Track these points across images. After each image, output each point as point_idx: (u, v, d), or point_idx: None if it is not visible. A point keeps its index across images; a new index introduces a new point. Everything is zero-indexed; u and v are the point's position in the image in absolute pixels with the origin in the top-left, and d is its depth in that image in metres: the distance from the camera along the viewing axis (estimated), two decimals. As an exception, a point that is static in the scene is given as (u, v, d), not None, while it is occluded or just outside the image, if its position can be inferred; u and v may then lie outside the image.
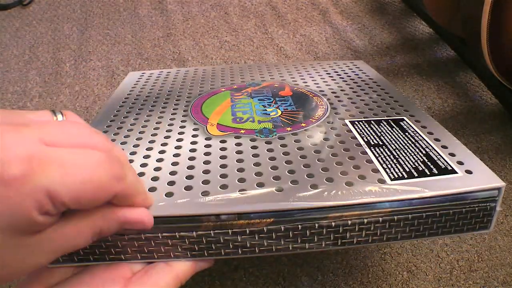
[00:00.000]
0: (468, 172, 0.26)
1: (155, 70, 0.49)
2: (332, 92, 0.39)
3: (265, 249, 0.24)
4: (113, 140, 0.32)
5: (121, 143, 0.31)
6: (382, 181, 0.25)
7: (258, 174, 0.26)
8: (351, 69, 0.46)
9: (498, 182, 0.25)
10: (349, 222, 0.24)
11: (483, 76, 0.60)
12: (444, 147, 0.29)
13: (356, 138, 0.30)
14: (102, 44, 0.73)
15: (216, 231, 0.23)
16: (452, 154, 0.28)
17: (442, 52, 0.70)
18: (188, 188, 0.25)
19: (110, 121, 0.35)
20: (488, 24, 0.45)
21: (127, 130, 0.33)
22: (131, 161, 0.29)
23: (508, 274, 0.36)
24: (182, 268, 0.24)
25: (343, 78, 0.43)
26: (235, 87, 0.42)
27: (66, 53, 0.71)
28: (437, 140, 0.30)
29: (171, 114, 0.36)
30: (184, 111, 0.36)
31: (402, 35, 0.75)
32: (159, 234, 0.23)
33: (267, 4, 0.86)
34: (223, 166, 0.27)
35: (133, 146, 0.31)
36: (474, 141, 0.51)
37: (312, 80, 0.43)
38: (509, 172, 0.47)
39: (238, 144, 0.30)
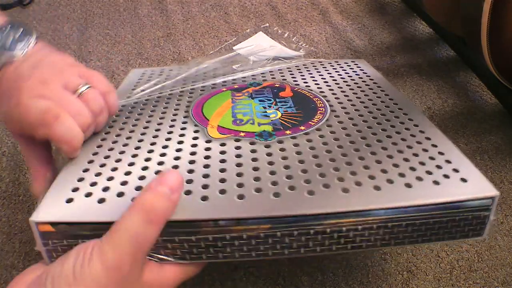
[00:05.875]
0: (463, 180, 0.26)
1: (157, 67, 0.49)
2: (332, 94, 0.39)
3: (261, 253, 0.24)
4: (115, 142, 0.31)
5: (123, 145, 0.31)
6: (377, 188, 0.26)
7: (257, 179, 0.26)
8: (352, 68, 0.46)
9: (492, 192, 0.25)
10: (344, 228, 0.24)
11: (483, 76, 0.60)
12: (441, 153, 0.29)
13: (355, 143, 0.30)
14: (102, 44, 0.73)
15: (214, 235, 0.24)
16: (448, 161, 0.28)
17: (442, 52, 0.70)
18: (187, 192, 0.25)
19: (112, 122, 0.35)
20: (488, 24, 0.45)
21: (129, 132, 0.33)
22: (132, 163, 0.29)
23: (508, 274, 0.36)
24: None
25: (344, 78, 0.43)
26: (236, 86, 0.42)
27: (66, 53, 0.71)
28: (434, 146, 0.30)
29: (173, 115, 0.36)
30: (185, 111, 0.36)
31: (402, 35, 0.75)
32: (159, 238, 0.23)
33: (267, 4, 0.86)
34: (222, 170, 0.27)
35: (134, 149, 0.30)
36: (474, 141, 0.51)
37: (313, 80, 0.43)
38: (509, 172, 0.47)
39: (238, 148, 0.30)
